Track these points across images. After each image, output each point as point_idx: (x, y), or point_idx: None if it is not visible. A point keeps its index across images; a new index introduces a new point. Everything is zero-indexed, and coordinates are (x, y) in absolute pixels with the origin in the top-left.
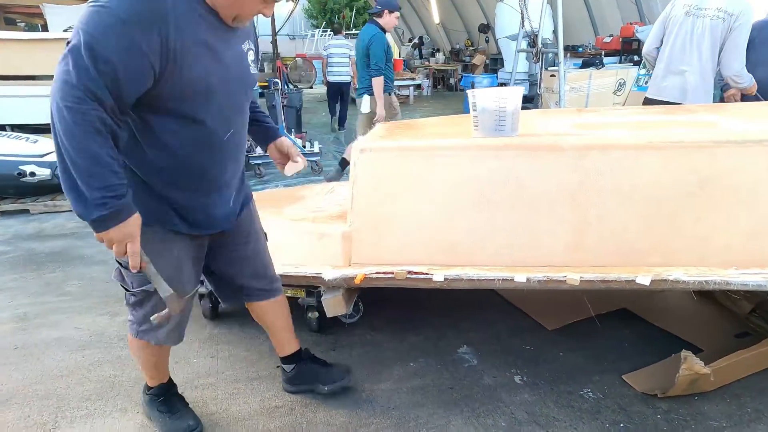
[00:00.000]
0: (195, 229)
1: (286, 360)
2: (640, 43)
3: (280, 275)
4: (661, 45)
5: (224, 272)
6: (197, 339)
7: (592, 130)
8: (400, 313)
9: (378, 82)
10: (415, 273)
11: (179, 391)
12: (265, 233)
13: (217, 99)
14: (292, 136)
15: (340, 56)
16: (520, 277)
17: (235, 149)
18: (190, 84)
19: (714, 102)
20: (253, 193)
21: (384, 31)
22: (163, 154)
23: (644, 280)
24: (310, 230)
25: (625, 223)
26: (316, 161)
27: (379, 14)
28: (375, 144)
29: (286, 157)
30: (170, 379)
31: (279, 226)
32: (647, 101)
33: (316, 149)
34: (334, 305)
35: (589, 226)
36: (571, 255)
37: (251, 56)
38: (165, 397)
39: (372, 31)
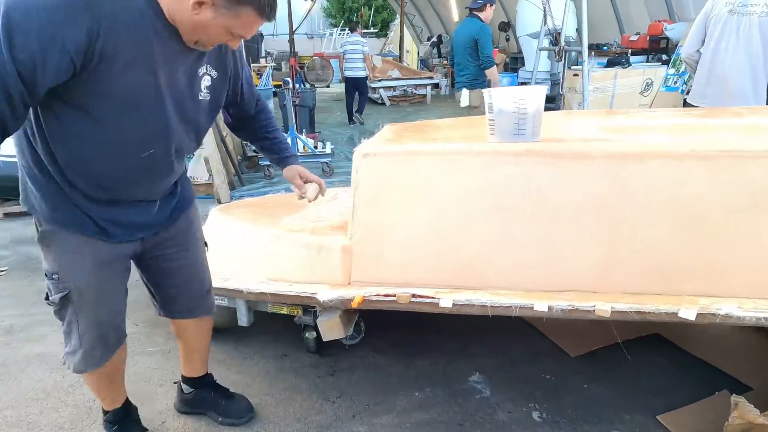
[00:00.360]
0: (112, 238)
1: (188, 381)
2: (668, 41)
3: (273, 294)
4: (702, 46)
5: (157, 281)
6: None
7: (623, 134)
8: (405, 335)
9: (493, 72)
10: (420, 297)
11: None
12: (206, 242)
13: (140, 115)
14: (304, 137)
15: (354, 53)
16: (541, 306)
17: (154, 169)
18: (112, 89)
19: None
20: (252, 198)
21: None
22: (65, 148)
23: (688, 314)
24: (308, 242)
25: (665, 242)
26: (327, 163)
27: (481, 8)
28: (379, 148)
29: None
30: (127, 403)
31: (275, 236)
32: (687, 107)
33: (328, 150)
34: (331, 328)
35: (622, 244)
36: (600, 277)
37: (206, 82)
38: (120, 425)
39: (477, 24)
